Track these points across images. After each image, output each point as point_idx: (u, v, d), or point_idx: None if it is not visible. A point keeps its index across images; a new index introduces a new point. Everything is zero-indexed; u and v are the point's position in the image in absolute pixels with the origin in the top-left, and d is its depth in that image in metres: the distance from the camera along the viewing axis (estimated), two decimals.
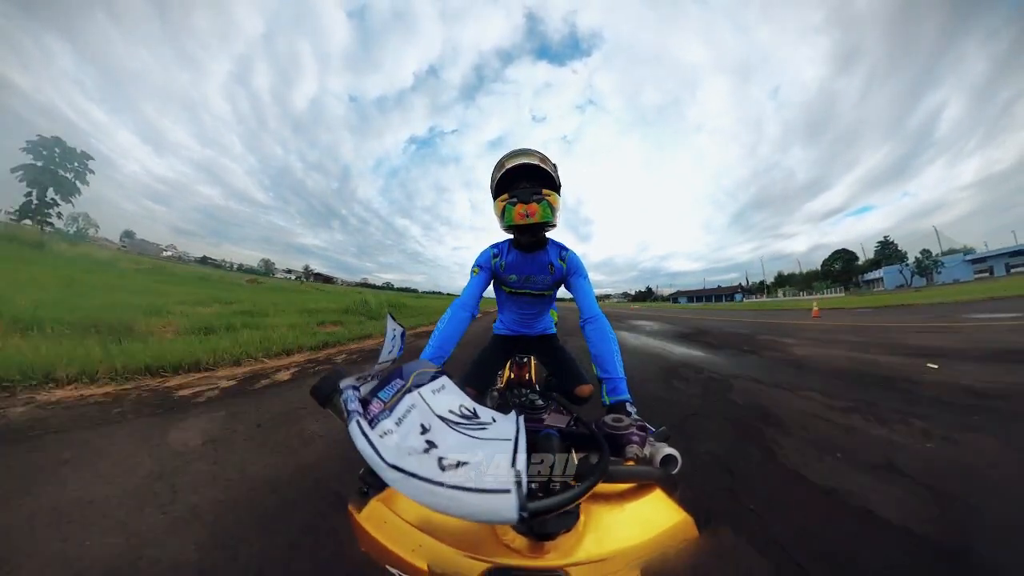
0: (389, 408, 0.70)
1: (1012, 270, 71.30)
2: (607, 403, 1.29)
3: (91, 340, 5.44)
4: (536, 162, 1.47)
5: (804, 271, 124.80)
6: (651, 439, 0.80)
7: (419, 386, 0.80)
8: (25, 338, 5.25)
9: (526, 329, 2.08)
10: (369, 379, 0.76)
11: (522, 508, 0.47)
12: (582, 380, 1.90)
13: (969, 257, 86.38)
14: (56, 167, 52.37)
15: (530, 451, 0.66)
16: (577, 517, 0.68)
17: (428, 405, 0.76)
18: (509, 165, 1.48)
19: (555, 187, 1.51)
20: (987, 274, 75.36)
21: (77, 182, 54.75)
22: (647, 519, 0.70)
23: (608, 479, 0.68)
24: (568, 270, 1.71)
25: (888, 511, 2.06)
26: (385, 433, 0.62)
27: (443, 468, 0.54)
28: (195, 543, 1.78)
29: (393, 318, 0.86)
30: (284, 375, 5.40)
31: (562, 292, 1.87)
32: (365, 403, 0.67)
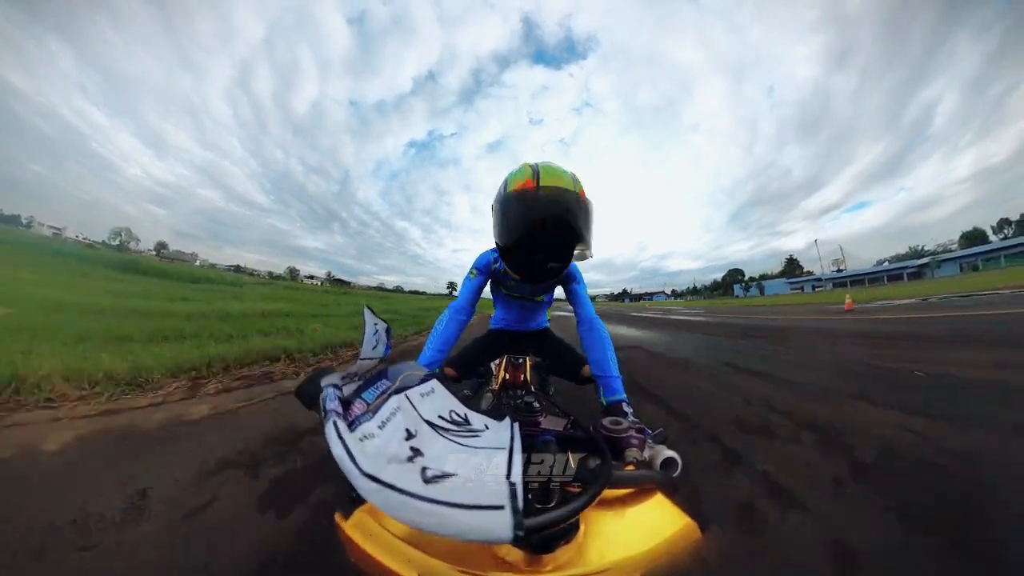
0: (372, 410, 0.49)
1: (816, 289, 78.98)
2: (604, 403, 1.04)
3: None
4: (570, 220, 0.91)
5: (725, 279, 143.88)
6: (650, 441, 0.61)
7: (406, 388, 0.57)
8: None
9: (522, 325, 1.77)
10: (354, 379, 0.55)
11: (518, 526, 0.32)
12: (584, 361, 1.46)
13: (788, 280, 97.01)
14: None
15: (526, 456, 0.47)
16: (577, 527, 0.48)
17: (415, 409, 0.54)
18: (533, 223, 0.92)
19: (584, 246, 1.00)
20: (800, 290, 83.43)
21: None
22: (649, 525, 0.51)
23: (609, 485, 0.49)
24: (564, 276, 1.36)
25: None
26: (365, 437, 0.43)
27: (427, 480, 0.37)
28: None
29: (372, 311, 0.63)
30: None
31: (559, 292, 1.54)
32: (347, 404, 0.48)
